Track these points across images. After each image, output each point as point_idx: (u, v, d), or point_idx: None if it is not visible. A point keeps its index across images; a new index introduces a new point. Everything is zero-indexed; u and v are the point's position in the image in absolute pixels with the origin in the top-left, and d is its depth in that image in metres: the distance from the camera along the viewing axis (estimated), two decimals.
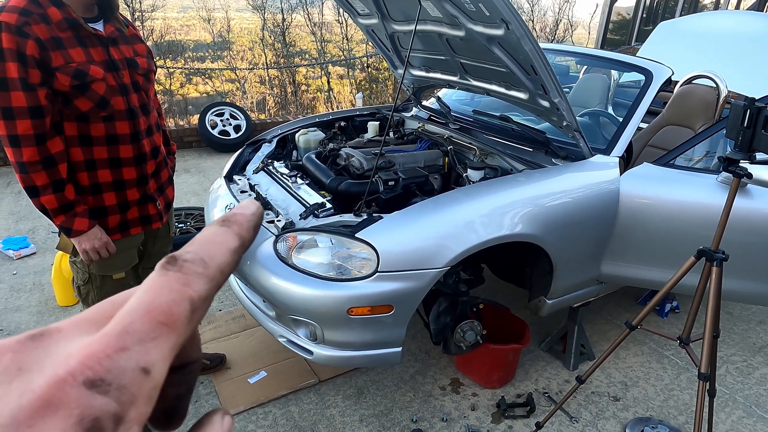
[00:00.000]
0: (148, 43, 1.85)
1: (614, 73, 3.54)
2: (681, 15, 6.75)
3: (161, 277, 0.21)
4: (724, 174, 2.12)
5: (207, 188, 4.59)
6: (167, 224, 2.00)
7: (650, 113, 2.91)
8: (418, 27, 2.33)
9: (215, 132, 5.67)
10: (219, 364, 2.42)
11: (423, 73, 2.91)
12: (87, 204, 1.64)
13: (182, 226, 3.42)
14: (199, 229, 3.35)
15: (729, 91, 2.71)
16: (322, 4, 9.82)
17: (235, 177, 2.55)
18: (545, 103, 2.19)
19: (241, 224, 0.25)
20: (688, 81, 2.96)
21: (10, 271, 3.24)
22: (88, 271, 1.75)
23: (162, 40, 9.71)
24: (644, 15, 7.83)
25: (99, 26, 1.58)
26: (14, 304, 2.90)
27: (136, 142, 1.70)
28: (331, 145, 2.73)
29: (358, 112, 3.21)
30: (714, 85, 2.72)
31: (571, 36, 11.53)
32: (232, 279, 2.39)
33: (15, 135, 1.44)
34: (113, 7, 1.61)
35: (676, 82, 2.97)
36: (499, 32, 1.95)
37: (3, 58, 1.38)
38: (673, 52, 3.58)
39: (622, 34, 8.32)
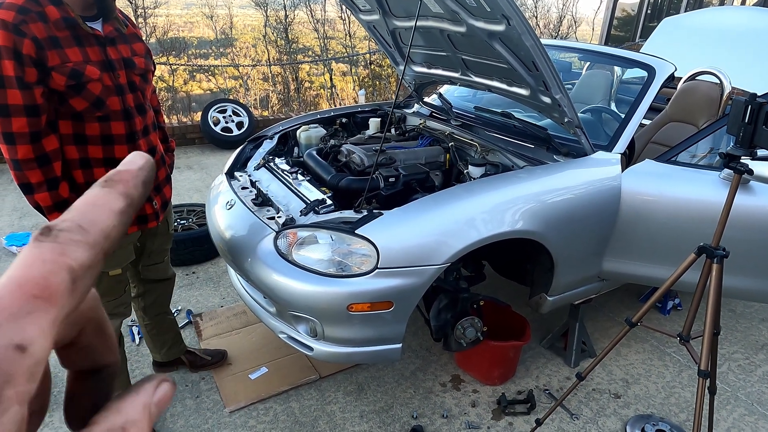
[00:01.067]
0: (151, 40, 1.87)
1: (617, 70, 3.52)
2: (686, 11, 6.71)
3: (34, 249, 0.19)
4: (726, 170, 2.11)
5: (209, 185, 4.59)
6: (166, 221, 2.01)
7: (653, 110, 2.89)
8: (419, 23, 2.33)
9: (218, 129, 5.68)
10: (220, 360, 2.43)
11: (424, 70, 2.91)
12: None
13: (184, 223, 3.43)
14: (201, 226, 3.37)
15: (733, 88, 2.69)
16: (325, 0, 9.81)
17: (237, 173, 2.55)
18: (547, 100, 2.18)
19: (126, 182, 0.23)
20: (692, 77, 2.94)
21: None
22: None
23: (165, 37, 9.72)
24: (648, 11, 7.78)
25: (97, 25, 1.58)
26: None
27: (132, 142, 1.70)
28: (332, 142, 2.73)
29: (359, 109, 3.21)
30: (718, 82, 2.70)
31: (575, 32, 11.49)
32: (233, 275, 2.39)
33: (10, 132, 1.45)
34: (111, 7, 1.60)
35: (680, 78, 2.95)
36: (500, 28, 1.94)
37: (0, 56, 1.38)
38: (677, 48, 3.56)
39: (626, 30, 8.28)
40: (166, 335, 2.27)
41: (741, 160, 1.47)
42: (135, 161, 0.24)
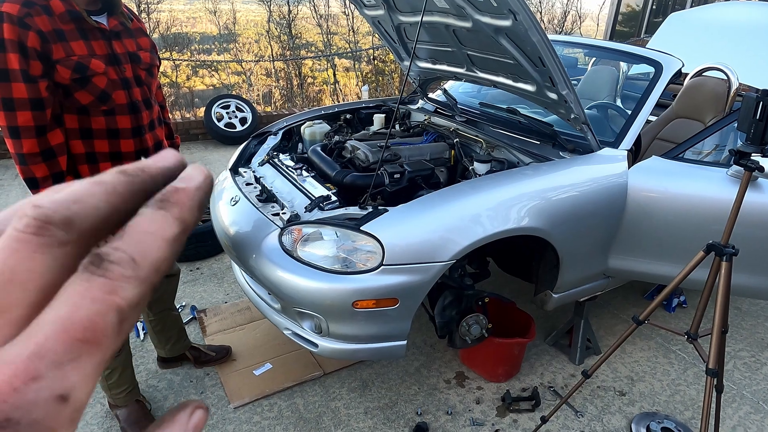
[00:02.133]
0: (154, 36, 1.87)
1: (623, 65, 3.50)
2: (692, 6, 6.66)
3: (83, 283, 0.18)
4: (735, 167, 2.10)
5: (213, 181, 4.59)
6: None
7: (659, 106, 2.87)
8: (425, 18, 2.31)
9: (221, 124, 5.67)
10: (225, 356, 2.43)
11: (429, 65, 2.89)
12: None
13: None
14: (205, 222, 3.37)
15: (740, 84, 2.67)
16: None
17: (241, 169, 2.54)
18: (553, 96, 2.17)
19: (182, 204, 0.21)
20: (699, 73, 2.92)
21: None
22: None
23: (168, 32, 9.71)
24: (654, 6, 7.73)
25: (102, 19, 1.57)
26: None
27: (138, 136, 1.70)
28: (336, 138, 2.72)
29: (363, 105, 3.20)
30: (725, 77, 2.68)
31: (579, 28, 11.42)
32: (237, 271, 2.39)
33: (15, 126, 1.44)
34: (115, 2, 1.59)
35: (686, 74, 2.93)
36: (507, 23, 1.93)
37: (4, 49, 1.37)
38: (684, 43, 3.53)
39: (631, 25, 8.23)
40: (171, 331, 2.28)
41: (751, 157, 1.46)
42: (194, 177, 0.22)
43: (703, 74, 2.89)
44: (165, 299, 2.19)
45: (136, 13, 1.78)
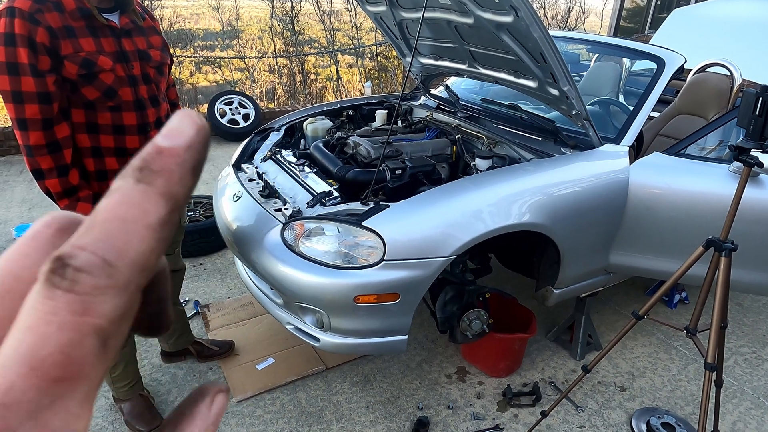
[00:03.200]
0: None
1: (626, 61, 3.49)
2: (696, 2, 6.62)
3: (47, 302, 0.14)
4: (736, 163, 2.10)
5: (216, 176, 4.61)
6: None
7: (662, 102, 2.87)
8: (427, 14, 2.31)
9: (224, 121, 5.69)
10: (227, 350, 2.45)
11: (431, 61, 2.89)
12: (92, 189, 1.67)
13: (192, 214, 3.45)
14: (208, 218, 3.39)
15: (743, 80, 2.66)
16: None
17: (244, 165, 2.56)
18: (554, 92, 2.17)
19: (169, 173, 0.16)
20: (702, 69, 2.91)
21: None
22: None
23: (171, 29, 9.72)
24: (658, 2, 7.69)
25: (114, 17, 1.60)
26: None
27: (144, 133, 1.72)
28: (338, 134, 2.73)
29: (366, 101, 3.20)
30: (728, 74, 2.67)
31: (584, 24, 11.37)
32: (240, 267, 2.41)
33: (23, 119, 1.48)
34: (127, 0, 1.62)
35: (689, 70, 2.92)
36: (508, 19, 1.93)
37: (14, 43, 1.41)
38: (688, 39, 3.52)
39: (635, 21, 8.19)
40: (175, 325, 2.30)
41: (751, 153, 1.46)
42: (183, 131, 0.17)
43: (707, 70, 2.88)
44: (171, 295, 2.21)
45: (150, 12, 1.79)
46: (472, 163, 2.38)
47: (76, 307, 0.14)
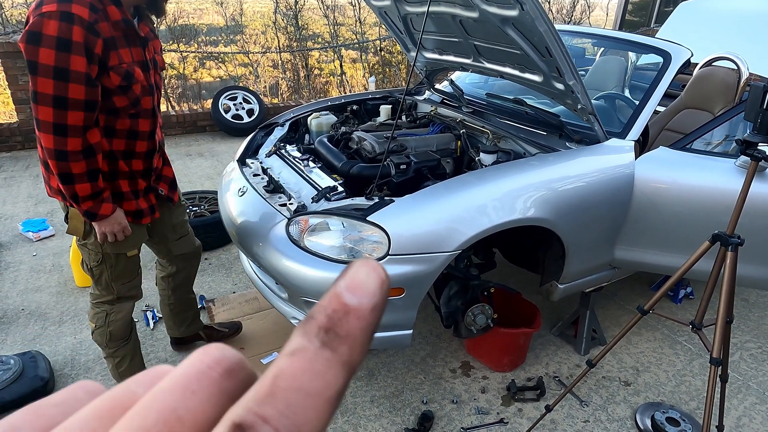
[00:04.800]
0: (161, 28, 1.90)
1: (632, 56, 3.47)
2: None
3: None
4: (743, 158, 2.08)
5: (220, 172, 4.62)
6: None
7: (668, 96, 2.85)
8: (431, 8, 2.30)
9: (228, 116, 5.69)
10: (236, 331, 2.53)
11: (436, 56, 2.88)
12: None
13: (196, 210, 3.46)
14: (212, 213, 3.39)
15: (751, 74, 2.64)
16: None
17: (248, 160, 2.56)
18: (560, 86, 2.16)
19: (353, 339, 0.15)
20: (708, 63, 2.89)
21: (30, 252, 3.31)
22: (102, 251, 1.78)
23: (175, 24, 9.72)
24: None
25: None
26: (35, 285, 2.97)
27: (152, 138, 1.77)
28: (343, 129, 2.73)
29: (370, 96, 3.20)
30: (735, 68, 2.65)
31: (588, 18, 11.30)
32: (245, 261, 2.42)
33: (64, 124, 1.45)
34: (162, 8, 1.64)
35: (696, 64, 2.90)
36: (513, 13, 1.92)
37: (69, 50, 1.39)
38: (694, 33, 3.49)
39: (641, 15, 8.13)
40: (188, 312, 2.35)
41: (758, 147, 1.45)
42: (367, 287, 0.16)
43: (713, 64, 2.86)
44: (188, 282, 2.28)
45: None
46: (476, 158, 2.37)
47: None
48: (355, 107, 3.10)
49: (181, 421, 0.15)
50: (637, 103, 2.38)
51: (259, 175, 2.41)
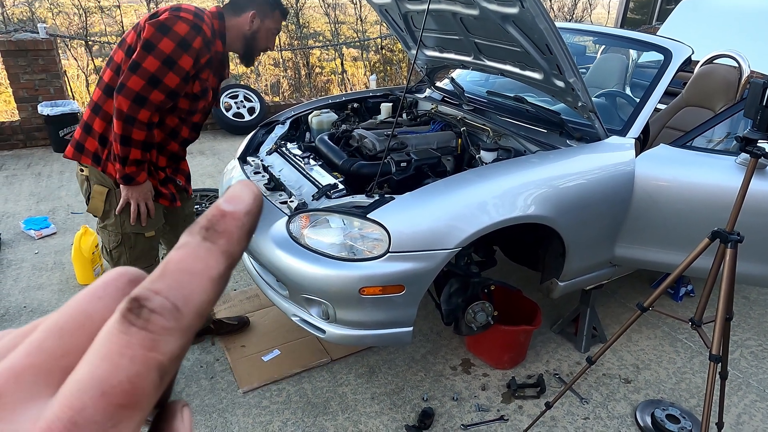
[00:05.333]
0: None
1: (633, 53, 3.46)
2: None
3: (122, 336, 0.16)
4: (743, 155, 2.08)
5: (221, 170, 4.62)
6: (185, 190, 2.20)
7: (669, 94, 2.85)
8: (432, 6, 2.30)
9: (229, 114, 5.70)
10: (245, 324, 2.56)
11: (436, 54, 2.88)
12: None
13: (198, 208, 3.47)
14: None
15: (752, 71, 2.64)
16: None
17: (249, 158, 2.57)
18: (560, 83, 2.16)
19: (230, 234, 0.18)
20: (709, 60, 2.89)
21: (32, 250, 3.32)
22: (122, 231, 1.89)
23: None
24: None
25: None
26: (37, 282, 2.98)
27: (183, 146, 1.99)
28: (343, 127, 2.73)
29: (371, 94, 3.20)
30: (736, 65, 2.65)
31: (590, 16, 11.27)
32: (246, 259, 2.42)
33: (146, 98, 1.67)
34: (252, 61, 1.98)
35: (697, 62, 2.90)
36: (514, 11, 1.92)
37: (186, 50, 1.67)
38: (696, 30, 3.49)
39: (642, 13, 8.11)
40: None
41: (758, 144, 1.45)
42: (242, 197, 0.19)
43: (714, 62, 2.86)
44: None
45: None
46: (477, 156, 2.38)
47: (147, 343, 0.16)
48: (355, 105, 3.11)
49: (89, 317, 0.18)
50: (637, 100, 2.38)
51: (260, 172, 2.41)
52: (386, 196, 1.95)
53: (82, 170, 1.89)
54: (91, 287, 0.19)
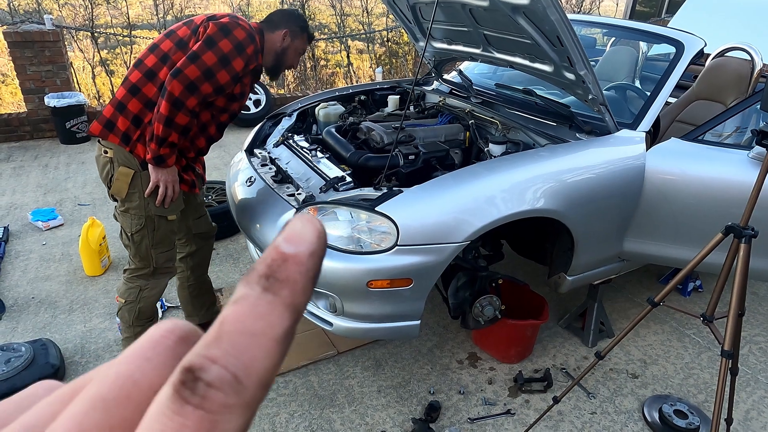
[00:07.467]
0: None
1: (643, 46, 3.42)
2: None
3: (175, 419, 0.14)
4: (757, 149, 2.06)
5: (228, 162, 4.62)
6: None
7: (680, 87, 2.82)
8: None
9: None
10: None
11: (445, 46, 2.86)
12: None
13: (204, 200, 3.46)
14: (220, 203, 3.40)
15: (764, 64, 2.60)
16: None
17: (256, 150, 2.56)
18: (571, 76, 2.14)
19: (294, 283, 0.16)
20: (721, 53, 2.85)
21: (39, 241, 3.33)
22: (145, 214, 1.92)
23: (182, 14, 9.69)
24: None
25: None
26: (44, 274, 3.00)
27: (209, 143, 2.08)
28: (351, 119, 2.72)
29: (378, 86, 3.18)
30: (749, 58, 2.61)
31: (598, 8, 11.16)
32: (253, 251, 2.42)
33: (197, 87, 1.78)
34: (278, 77, 2.14)
35: (708, 54, 2.86)
36: (525, 2, 1.90)
37: (239, 54, 1.82)
38: (706, 23, 3.44)
39: (651, 5, 8.02)
40: (206, 296, 2.41)
41: None
42: (303, 236, 0.16)
43: (726, 54, 2.82)
44: (205, 261, 2.35)
45: None
46: (485, 149, 2.36)
47: (205, 425, 0.14)
48: (363, 97, 3.09)
49: (137, 385, 0.16)
50: (648, 93, 2.35)
51: (267, 165, 2.40)
52: (394, 189, 1.94)
53: (106, 152, 1.89)
54: (137, 346, 0.17)
